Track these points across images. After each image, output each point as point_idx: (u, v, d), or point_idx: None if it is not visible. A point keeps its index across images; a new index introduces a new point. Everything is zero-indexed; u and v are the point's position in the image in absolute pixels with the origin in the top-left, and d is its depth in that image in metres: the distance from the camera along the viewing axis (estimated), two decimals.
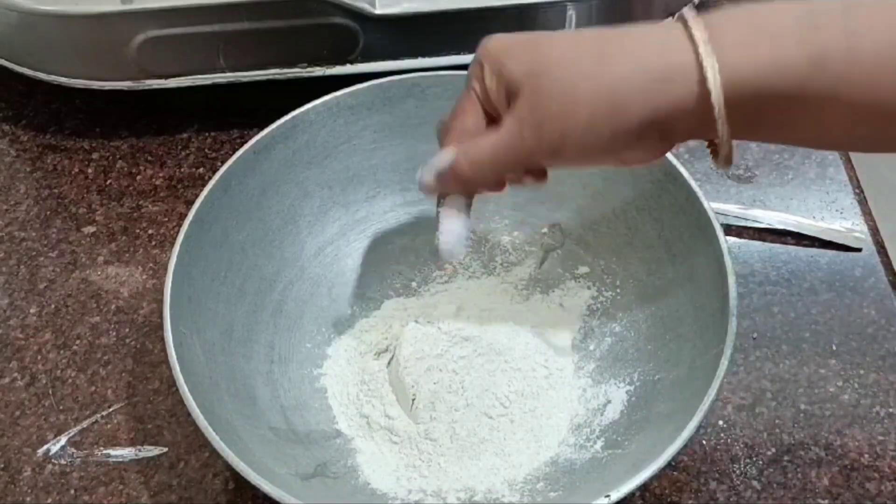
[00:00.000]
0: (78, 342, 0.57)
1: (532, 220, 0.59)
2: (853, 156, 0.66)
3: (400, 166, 0.59)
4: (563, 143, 0.39)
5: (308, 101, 0.56)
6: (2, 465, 0.52)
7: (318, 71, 0.65)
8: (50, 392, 0.55)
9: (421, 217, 0.60)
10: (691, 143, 0.67)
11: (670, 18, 0.41)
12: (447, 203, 0.46)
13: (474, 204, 0.46)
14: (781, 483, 0.51)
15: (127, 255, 0.62)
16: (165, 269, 0.49)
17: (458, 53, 0.65)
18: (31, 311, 0.59)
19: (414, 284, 0.59)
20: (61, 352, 0.57)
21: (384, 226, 0.60)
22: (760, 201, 0.63)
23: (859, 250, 0.61)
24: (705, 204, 0.51)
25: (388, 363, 0.55)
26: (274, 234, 0.56)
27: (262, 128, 0.55)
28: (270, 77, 0.65)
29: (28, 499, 0.51)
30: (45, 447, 0.53)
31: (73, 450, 0.53)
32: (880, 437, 0.52)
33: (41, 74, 0.65)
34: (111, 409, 0.55)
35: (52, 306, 0.59)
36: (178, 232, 0.51)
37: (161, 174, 0.66)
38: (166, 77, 0.64)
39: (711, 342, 0.47)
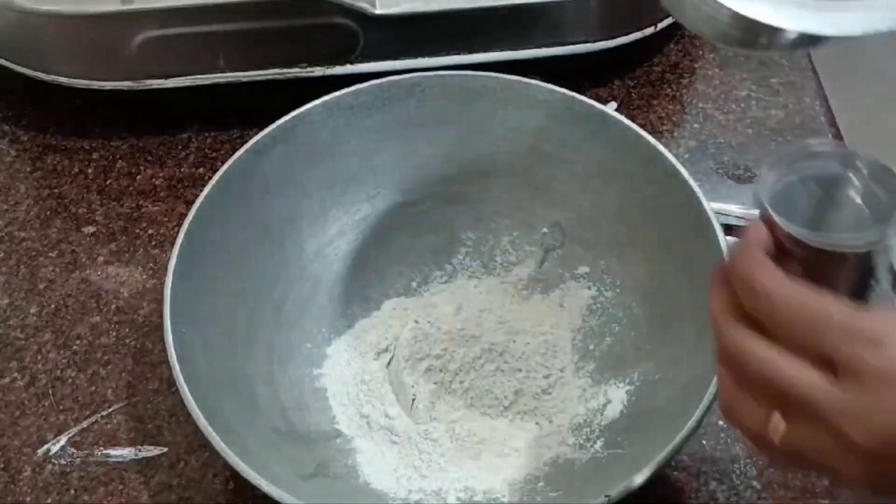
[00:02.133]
0: (78, 342, 0.57)
1: (532, 220, 0.59)
2: None
3: (400, 166, 0.59)
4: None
5: (308, 101, 0.56)
6: (2, 465, 0.52)
7: (318, 71, 0.64)
8: (50, 392, 0.55)
9: (421, 217, 0.60)
10: (691, 143, 0.67)
11: None
12: None
13: None
14: (781, 483, 0.51)
15: (127, 255, 0.61)
16: (165, 269, 0.49)
17: (458, 53, 0.65)
18: (31, 311, 0.59)
19: (414, 284, 0.59)
20: (61, 352, 0.57)
21: (384, 226, 0.60)
22: None
23: None
24: (705, 204, 0.51)
25: (388, 363, 0.55)
26: (274, 234, 0.56)
27: (262, 128, 0.55)
28: (270, 77, 0.65)
29: (28, 499, 0.51)
30: (45, 447, 0.53)
31: (73, 450, 0.53)
32: None
33: (41, 74, 0.65)
34: (111, 409, 0.55)
35: (52, 306, 0.59)
36: (178, 232, 0.51)
37: (161, 174, 0.66)
38: (166, 77, 0.64)
39: (711, 342, 0.47)
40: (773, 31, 0.35)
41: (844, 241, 0.34)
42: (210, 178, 0.53)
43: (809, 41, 0.35)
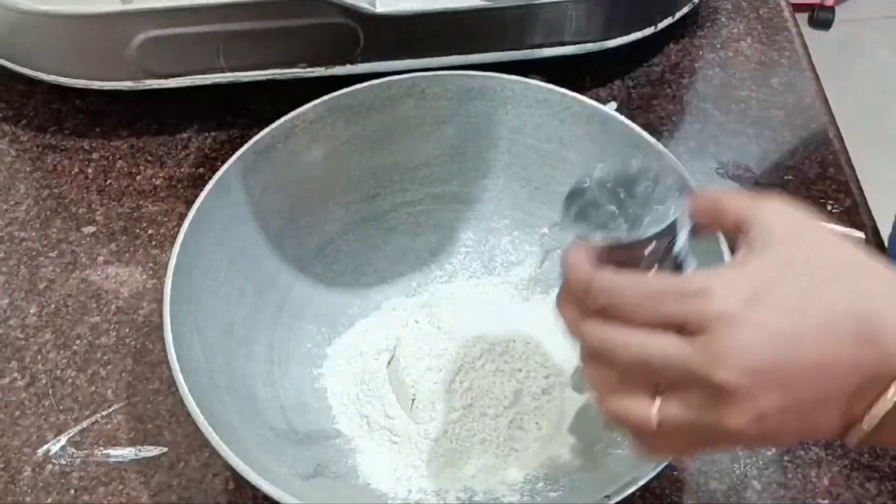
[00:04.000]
0: (78, 342, 0.57)
1: (532, 220, 0.59)
2: (853, 155, 0.66)
3: (400, 166, 0.59)
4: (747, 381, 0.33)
5: (308, 101, 0.56)
6: (2, 465, 0.52)
7: (318, 71, 0.64)
8: (50, 392, 0.55)
9: (421, 217, 0.60)
10: (691, 143, 0.67)
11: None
12: None
13: None
14: (781, 483, 0.51)
15: (127, 255, 0.62)
16: (165, 269, 0.49)
17: (458, 53, 0.65)
18: (31, 311, 0.59)
19: (414, 284, 0.59)
20: (61, 352, 0.57)
21: (384, 226, 0.60)
22: None
23: None
24: None
25: (388, 363, 0.55)
26: (274, 234, 0.56)
27: (262, 128, 0.55)
28: (270, 77, 0.65)
29: (28, 499, 0.51)
30: (45, 447, 0.53)
31: (73, 450, 0.53)
32: None
33: (41, 74, 0.65)
34: (111, 409, 0.55)
35: (52, 306, 0.59)
36: (178, 232, 0.51)
37: (161, 174, 0.66)
38: (166, 77, 0.64)
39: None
40: None
41: (641, 236, 0.39)
42: (210, 178, 0.53)
43: None
